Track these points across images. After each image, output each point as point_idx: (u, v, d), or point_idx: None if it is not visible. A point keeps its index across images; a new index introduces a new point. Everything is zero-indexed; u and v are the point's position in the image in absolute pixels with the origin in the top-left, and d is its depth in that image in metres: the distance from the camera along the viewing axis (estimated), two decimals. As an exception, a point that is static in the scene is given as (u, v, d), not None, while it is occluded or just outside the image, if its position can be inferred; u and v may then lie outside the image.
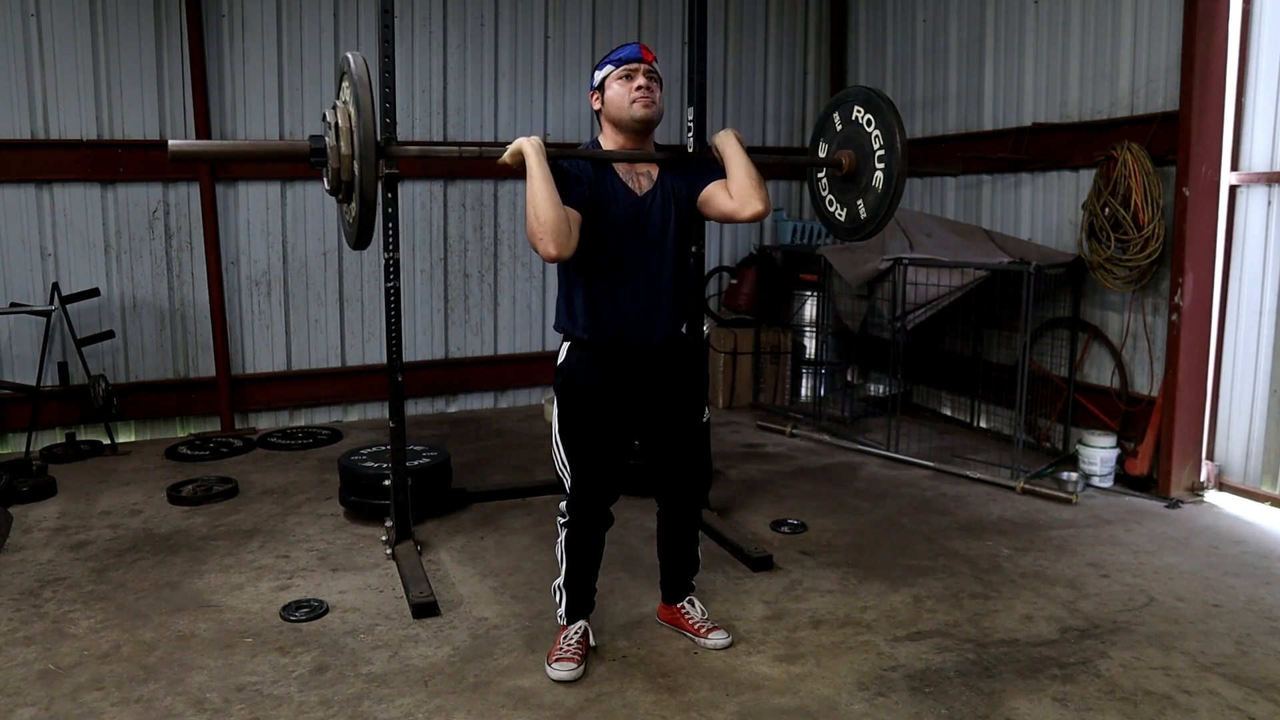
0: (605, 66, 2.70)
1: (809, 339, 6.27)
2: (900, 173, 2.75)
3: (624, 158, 2.68)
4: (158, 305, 5.32)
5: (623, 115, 2.65)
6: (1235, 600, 3.26)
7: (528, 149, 2.50)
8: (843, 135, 2.94)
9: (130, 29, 5.06)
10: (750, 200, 2.60)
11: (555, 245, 2.44)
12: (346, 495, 4.04)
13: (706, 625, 2.96)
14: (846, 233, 3.03)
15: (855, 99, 2.90)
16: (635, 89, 2.63)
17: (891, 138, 2.74)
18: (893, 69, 6.29)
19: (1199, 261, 4.29)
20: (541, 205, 2.44)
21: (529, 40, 5.97)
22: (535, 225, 2.44)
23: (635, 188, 2.69)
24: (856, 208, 2.93)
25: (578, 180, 2.60)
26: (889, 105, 2.78)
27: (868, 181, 2.85)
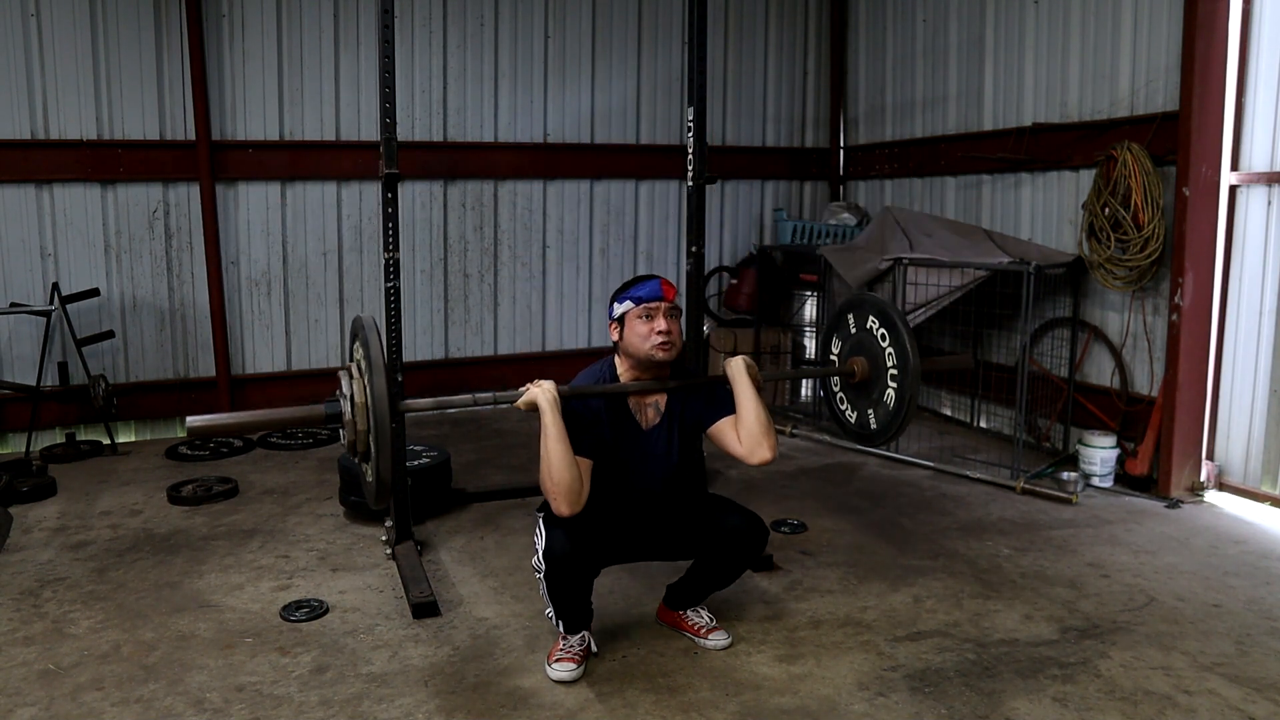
0: (625, 301, 2.70)
1: (809, 339, 6.26)
2: (912, 397, 2.78)
3: (638, 390, 2.72)
4: (158, 305, 5.32)
5: (642, 355, 2.67)
6: (1235, 600, 3.26)
7: (543, 404, 2.52)
8: (856, 340, 2.98)
9: (130, 29, 5.06)
10: (759, 447, 2.66)
11: (568, 505, 2.49)
12: (346, 495, 4.04)
13: (707, 626, 2.96)
14: (854, 435, 3.12)
15: (871, 309, 2.92)
16: (656, 333, 2.64)
17: (905, 360, 2.78)
18: (893, 69, 6.29)
19: (1199, 261, 4.28)
20: (556, 466, 2.48)
21: (529, 40, 5.97)
22: (549, 485, 2.49)
23: (642, 420, 2.75)
24: (867, 417, 2.98)
25: (591, 425, 2.63)
26: (904, 323, 2.80)
27: (879, 396, 2.89)
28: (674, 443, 2.77)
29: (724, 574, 2.91)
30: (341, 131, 5.57)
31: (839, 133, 6.86)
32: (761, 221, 6.84)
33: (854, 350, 2.99)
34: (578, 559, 2.63)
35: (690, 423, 2.78)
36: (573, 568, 2.64)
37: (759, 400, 2.69)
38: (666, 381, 2.74)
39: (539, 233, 6.17)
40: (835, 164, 6.91)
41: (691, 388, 2.79)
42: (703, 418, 2.77)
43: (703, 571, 2.92)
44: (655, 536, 2.86)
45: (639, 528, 2.82)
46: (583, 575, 2.69)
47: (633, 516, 2.80)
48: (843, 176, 6.89)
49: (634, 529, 2.82)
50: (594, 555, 2.71)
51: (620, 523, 2.79)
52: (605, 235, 6.34)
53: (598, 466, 2.65)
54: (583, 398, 2.66)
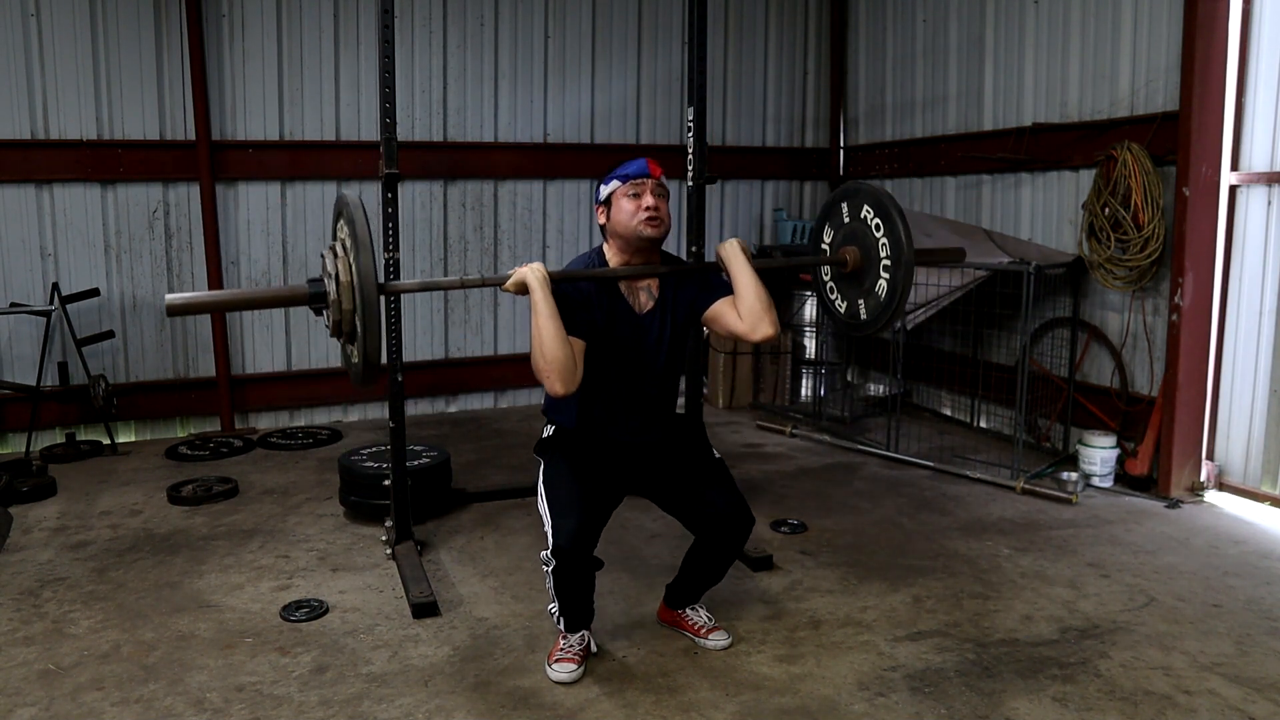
0: (611, 181, 2.68)
1: (809, 339, 6.27)
2: (905, 288, 2.72)
3: (628, 275, 2.67)
4: (158, 305, 5.32)
5: (630, 234, 2.64)
6: (1235, 600, 3.26)
7: (531, 281, 2.47)
8: (849, 229, 2.89)
9: (130, 29, 5.06)
10: (761, 323, 2.59)
11: (562, 384, 2.46)
12: (346, 495, 4.04)
13: (707, 626, 2.96)
14: (844, 325, 3.03)
15: (866, 198, 2.84)
16: (643, 209, 2.62)
17: (899, 250, 2.71)
18: (893, 69, 6.29)
19: (1199, 261, 4.28)
20: (548, 344, 2.44)
21: (529, 40, 5.97)
22: (541, 363, 2.45)
23: (636, 306, 2.71)
24: (857, 307, 2.91)
25: (582, 306, 2.60)
26: (899, 213, 2.73)
27: (871, 286, 2.83)
28: (669, 328, 2.72)
29: (713, 566, 2.89)
30: (341, 131, 5.57)
31: (839, 133, 6.86)
32: (761, 221, 6.84)
33: (847, 240, 2.90)
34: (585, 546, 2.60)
35: (685, 308, 2.72)
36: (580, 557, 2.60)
37: (757, 278, 2.63)
38: (658, 266, 2.70)
39: (539, 233, 6.17)
40: (835, 164, 6.91)
41: (684, 273, 2.75)
42: (698, 302, 2.71)
43: (694, 565, 2.91)
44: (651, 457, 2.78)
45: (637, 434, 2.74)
46: (588, 565, 2.66)
47: (633, 412, 2.73)
48: (843, 176, 6.89)
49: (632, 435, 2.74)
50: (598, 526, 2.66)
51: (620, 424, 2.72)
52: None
53: (595, 354, 2.61)
54: (573, 280, 2.62)
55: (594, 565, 2.69)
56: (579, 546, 2.58)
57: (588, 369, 2.59)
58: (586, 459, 2.74)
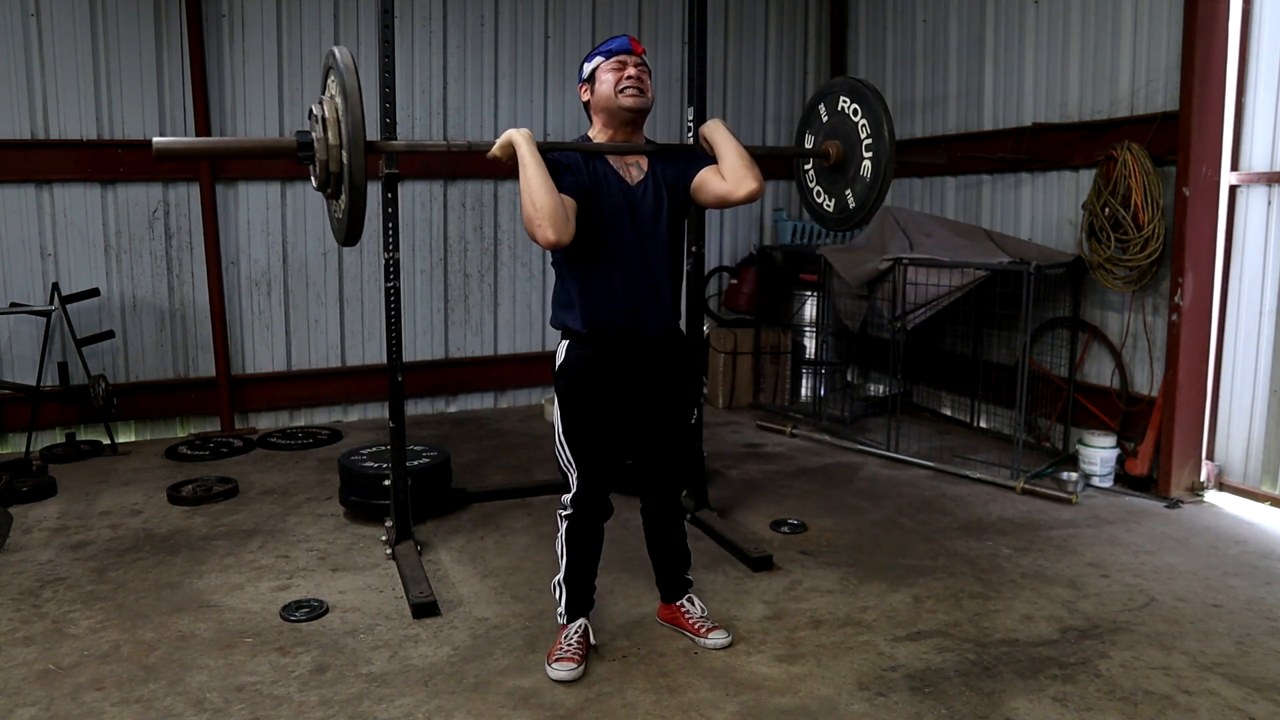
0: (595, 58, 2.70)
1: (809, 339, 6.27)
2: (888, 160, 2.76)
3: (614, 150, 2.69)
4: (158, 305, 5.32)
5: (613, 105, 2.65)
6: (1235, 600, 3.26)
7: (517, 139, 2.51)
8: (829, 126, 2.94)
9: (130, 29, 5.06)
10: (744, 179, 2.59)
11: (554, 230, 2.43)
12: (346, 495, 4.04)
13: (706, 625, 2.96)
14: (835, 222, 3.04)
15: (841, 89, 2.91)
16: (625, 79, 2.63)
17: (879, 126, 2.75)
18: (893, 69, 6.29)
19: (1199, 261, 4.29)
20: (537, 191, 2.44)
21: (529, 40, 5.97)
22: (531, 212, 2.44)
23: (627, 177, 2.70)
24: (845, 198, 2.93)
25: (570, 169, 2.60)
26: (875, 95, 2.78)
27: (856, 171, 2.86)
28: (663, 197, 2.71)
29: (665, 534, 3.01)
30: (341, 131, 5.56)
31: (839, 133, 6.85)
32: (761, 221, 6.84)
33: (828, 137, 2.95)
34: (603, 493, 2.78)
35: (674, 180, 2.73)
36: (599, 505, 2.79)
37: (738, 144, 2.65)
38: (644, 145, 2.73)
39: (539, 233, 6.15)
40: (835, 164, 6.90)
41: (670, 150, 2.78)
42: (685, 173, 2.72)
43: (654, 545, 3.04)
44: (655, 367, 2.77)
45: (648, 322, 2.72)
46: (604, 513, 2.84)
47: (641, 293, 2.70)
48: (843, 176, 6.89)
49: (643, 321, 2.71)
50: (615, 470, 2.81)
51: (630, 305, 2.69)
52: (605, 235, 6.33)
53: (591, 224, 2.60)
54: (560, 149, 2.65)
55: (608, 512, 2.85)
56: (599, 495, 2.77)
57: (590, 245, 2.60)
58: (598, 390, 2.71)
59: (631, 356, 2.73)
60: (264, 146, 2.59)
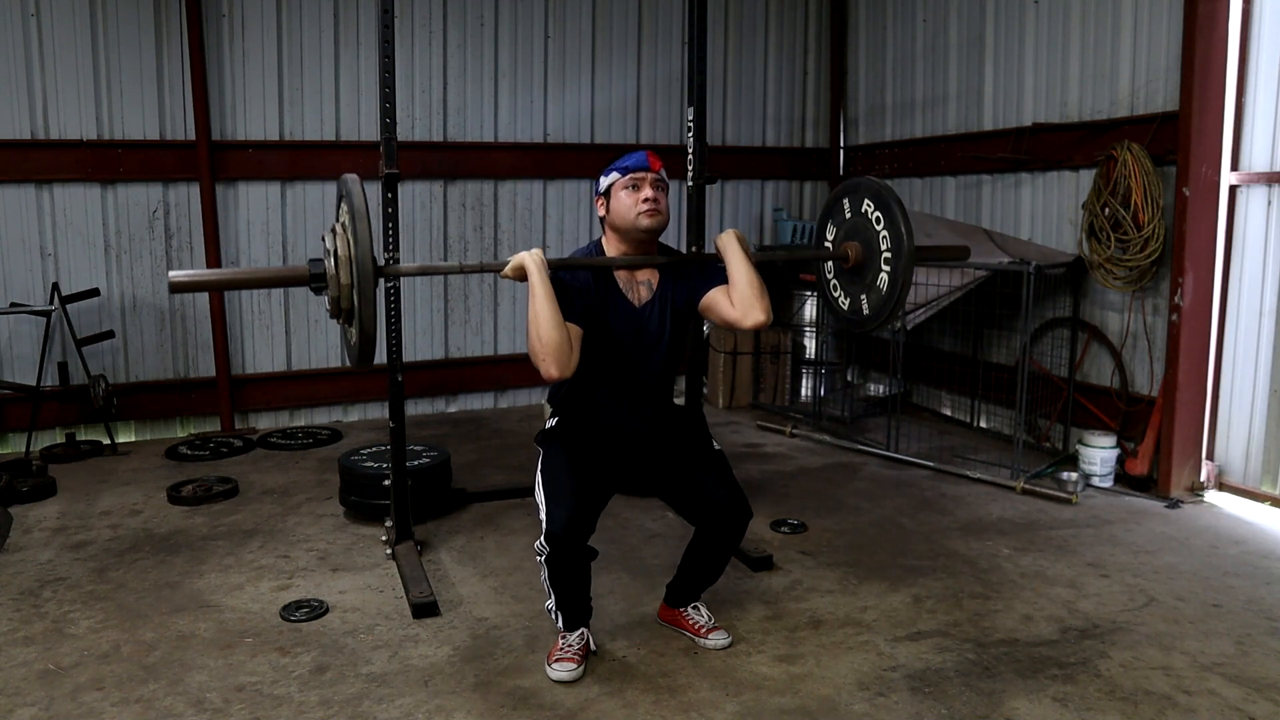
0: (611, 174, 2.70)
1: (809, 339, 6.27)
2: (906, 282, 2.74)
3: (625, 265, 2.70)
4: (158, 305, 5.32)
5: (628, 225, 2.66)
6: (1235, 600, 3.26)
7: (530, 265, 2.51)
8: (851, 224, 2.93)
9: (130, 29, 5.06)
10: (752, 310, 2.61)
11: (557, 367, 2.47)
12: (346, 495, 4.04)
13: (707, 625, 2.96)
14: (847, 321, 3.06)
15: (867, 192, 2.87)
16: (642, 200, 2.63)
17: (900, 243, 2.73)
18: (893, 69, 6.29)
19: (1199, 261, 4.29)
20: (544, 326, 2.45)
21: (529, 40, 5.97)
22: (537, 346, 2.46)
23: (634, 298, 2.72)
24: (860, 302, 2.93)
25: (580, 294, 2.62)
26: (900, 207, 2.75)
27: (872, 280, 2.85)
28: (668, 321, 2.73)
29: (711, 560, 2.90)
30: (341, 131, 5.57)
31: (839, 133, 6.86)
32: (761, 221, 6.84)
33: (849, 235, 2.93)
34: (579, 533, 2.60)
35: (683, 298, 2.74)
36: (574, 545, 2.60)
37: (752, 266, 2.65)
38: (656, 257, 2.72)
39: (539, 233, 6.16)
40: (835, 164, 6.91)
41: (682, 263, 2.78)
42: (695, 291, 2.73)
43: (692, 561, 2.92)
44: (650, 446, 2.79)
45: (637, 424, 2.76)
46: (582, 554, 2.66)
47: (632, 403, 2.74)
48: (843, 176, 6.89)
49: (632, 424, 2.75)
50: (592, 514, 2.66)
51: (620, 414, 2.74)
52: (605, 235, 6.34)
53: (594, 345, 2.62)
54: (571, 268, 2.65)
55: (588, 555, 2.70)
56: (572, 534, 2.59)
57: (588, 360, 2.60)
58: (586, 449, 2.74)
59: (625, 443, 2.79)
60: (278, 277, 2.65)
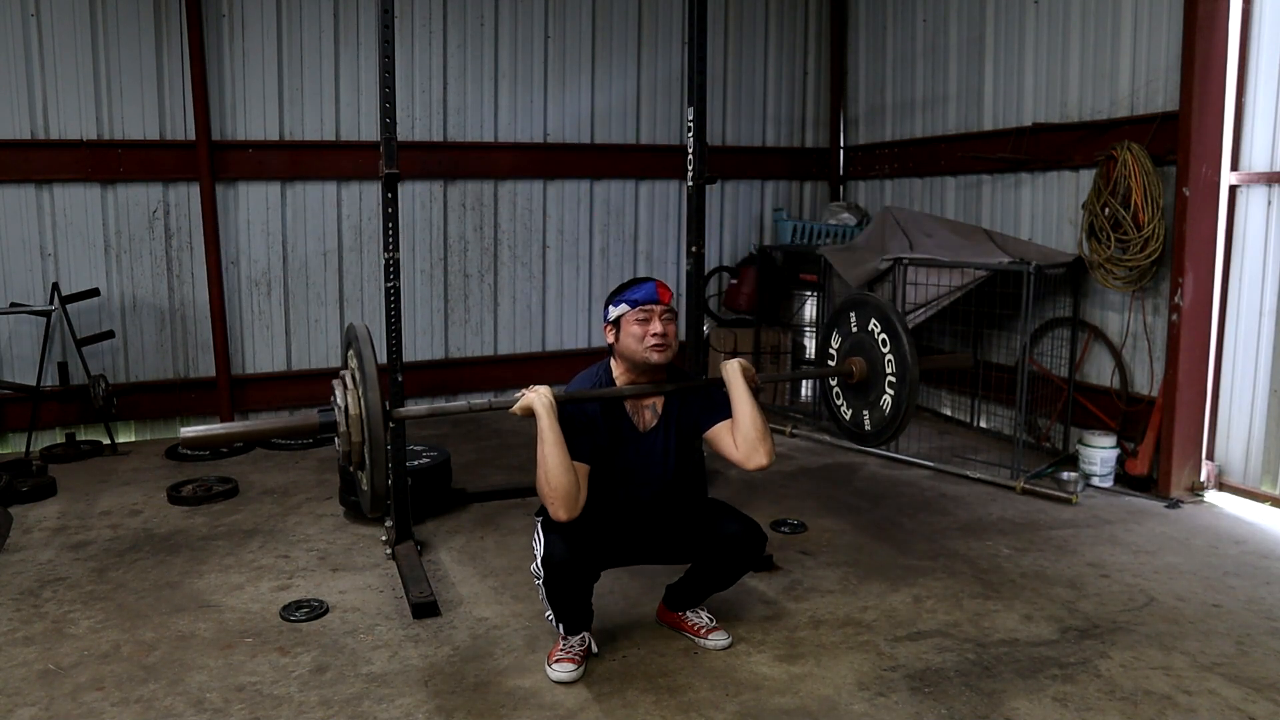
0: (620, 305, 2.70)
1: (809, 339, 6.26)
2: (909, 408, 2.78)
3: (634, 394, 2.72)
4: (158, 305, 5.32)
5: (637, 358, 2.67)
6: (1235, 600, 3.26)
7: (539, 409, 2.53)
8: (856, 339, 2.97)
9: (130, 29, 5.06)
10: (755, 452, 2.66)
11: (565, 511, 2.50)
12: (346, 495, 4.04)
13: (707, 626, 2.96)
14: (848, 433, 3.12)
15: (873, 312, 2.90)
16: (651, 335, 2.65)
17: (904, 369, 2.77)
18: (893, 69, 6.29)
19: (1199, 261, 4.28)
20: (553, 471, 2.49)
21: (529, 40, 5.97)
22: (547, 490, 2.49)
23: (640, 423, 2.75)
24: (862, 417, 2.98)
25: (587, 429, 2.64)
26: (906, 332, 2.78)
27: (876, 399, 2.89)
28: (671, 445, 2.77)
29: (723, 578, 2.91)
30: (341, 131, 5.57)
31: (839, 133, 6.86)
32: (761, 221, 6.84)
33: (854, 349, 2.99)
34: (576, 565, 2.63)
35: (687, 426, 2.79)
36: (571, 573, 2.64)
37: (755, 405, 2.70)
38: (663, 385, 2.74)
39: (539, 233, 6.17)
40: (835, 164, 6.91)
41: (688, 390, 2.79)
42: (700, 422, 2.78)
43: (702, 574, 2.92)
44: (654, 541, 2.85)
45: (638, 532, 2.82)
46: (581, 580, 2.69)
47: (632, 520, 2.80)
48: (843, 176, 6.90)
49: (633, 533, 2.82)
50: (592, 560, 2.70)
51: (620, 527, 2.79)
52: (605, 235, 6.34)
53: (596, 470, 2.65)
54: (579, 402, 2.67)
55: (589, 577, 2.71)
56: (570, 556, 2.60)
57: (595, 485, 2.63)
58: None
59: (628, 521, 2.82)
60: (290, 429, 2.66)
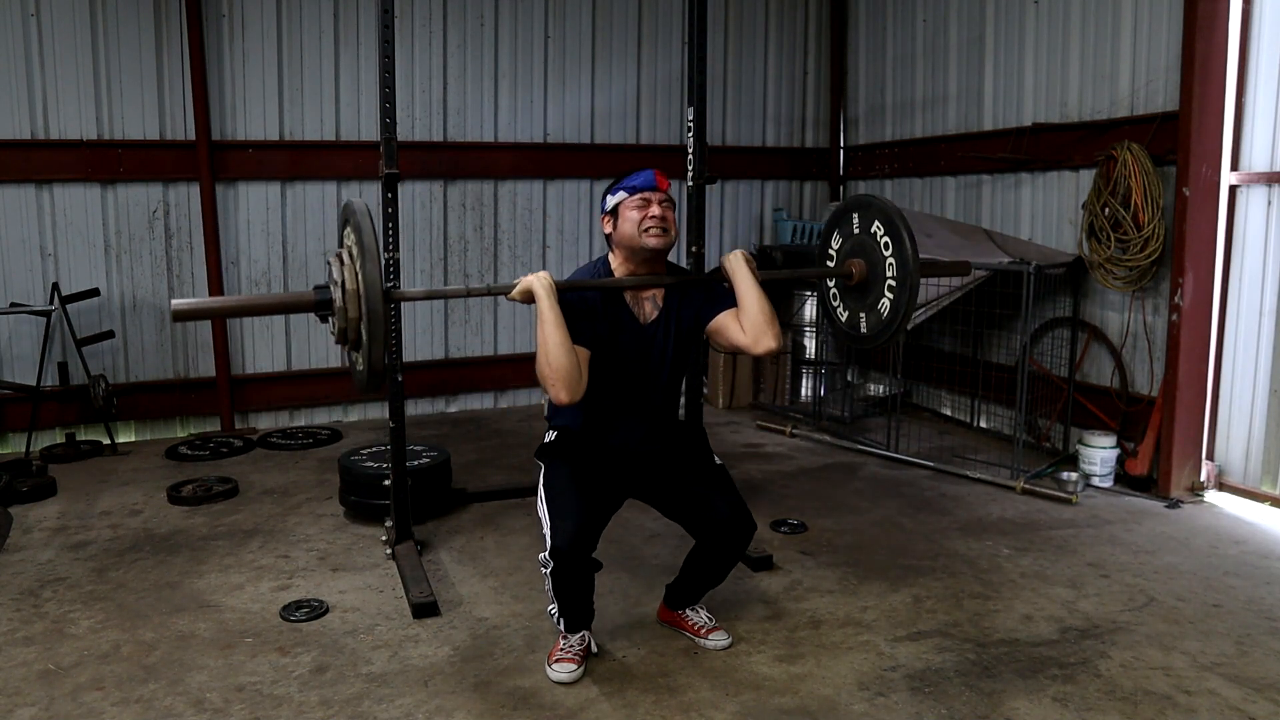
0: (619, 192, 2.69)
1: (809, 339, 6.27)
2: (908, 310, 2.73)
3: (633, 285, 2.69)
4: (158, 305, 5.32)
5: (635, 244, 2.65)
6: (1235, 600, 3.26)
7: (538, 290, 2.50)
8: (858, 240, 2.90)
9: (130, 29, 5.06)
10: (764, 336, 2.61)
11: (567, 392, 2.47)
12: (346, 495, 4.04)
13: (707, 626, 2.96)
14: (843, 334, 3.04)
15: (878, 214, 2.84)
16: (649, 218, 2.63)
17: (905, 271, 2.72)
18: (893, 69, 6.29)
19: (1199, 261, 4.28)
20: (554, 352, 2.46)
21: (529, 40, 5.97)
22: (547, 371, 2.46)
23: (641, 315, 2.72)
24: (858, 319, 2.92)
25: (587, 316, 2.62)
26: (909, 234, 2.73)
27: (874, 302, 2.84)
28: (672, 338, 2.73)
29: (715, 569, 2.89)
30: (341, 131, 5.57)
31: (839, 133, 6.86)
32: (761, 221, 6.84)
33: (854, 251, 2.91)
34: (583, 548, 2.59)
35: (689, 319, 2.74)
36: (579, 559, 2.60)
37: (761, 291, 2.65)
38: (663, 276, 2.72)
39: (539, 233, 6.17)
40: (835, 164, 6.91)
41: (689, 284, 2.77)
42: (702, 313, 2.73)
43: (695, 567, 2.91)
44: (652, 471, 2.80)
45: (638, 441, 2.76)
46: (587, 567, 2.66)
47: (637, 421, 2.74)
48: (843, 176, 6.89)
49: (633, 441, 2.75)
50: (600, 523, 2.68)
51: (621, 431, 2.73)
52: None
53: (600, 363, 2.62)
54: (579, 289, 2.64)
55: (593, 567, 2.70)
56: (577, 548, 2.58)
57: (592, 377, 2.60)
58: (588, 463, 2.74)
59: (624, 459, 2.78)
60: (282, 304, 2.58)
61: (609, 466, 2.77)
